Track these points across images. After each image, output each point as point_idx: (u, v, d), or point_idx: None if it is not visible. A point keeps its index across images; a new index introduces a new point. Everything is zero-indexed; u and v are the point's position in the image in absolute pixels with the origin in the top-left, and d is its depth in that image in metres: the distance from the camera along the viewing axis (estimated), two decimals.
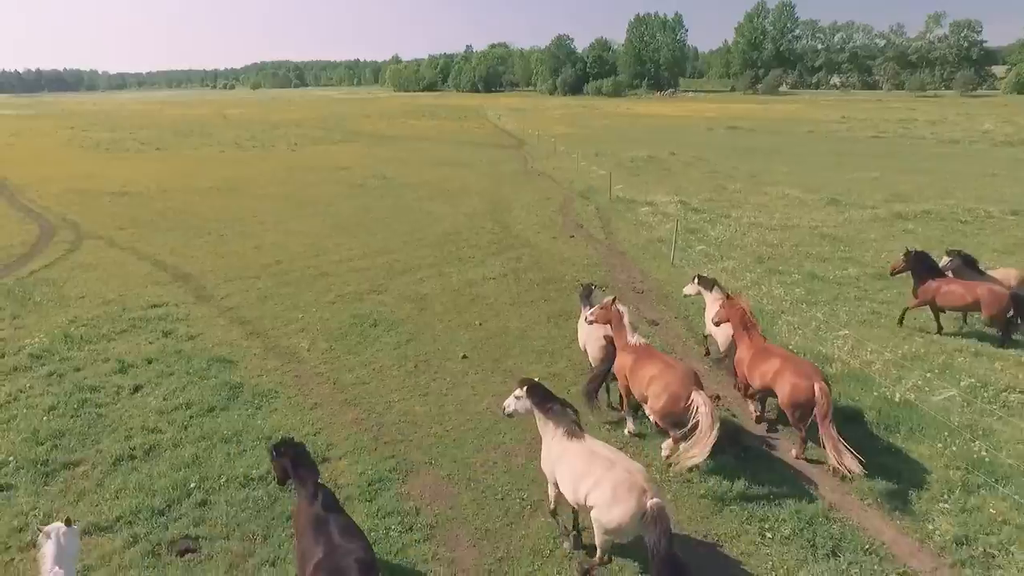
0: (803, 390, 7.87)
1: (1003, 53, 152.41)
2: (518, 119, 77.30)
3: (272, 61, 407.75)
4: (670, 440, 8.02)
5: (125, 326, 12.42)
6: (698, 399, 7.44)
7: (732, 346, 9.60)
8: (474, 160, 40.13)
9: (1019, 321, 11.21)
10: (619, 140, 53.18)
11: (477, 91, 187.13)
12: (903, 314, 12.49)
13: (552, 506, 6.94)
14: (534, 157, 41.98)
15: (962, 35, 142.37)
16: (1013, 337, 11.45)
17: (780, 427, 9.07)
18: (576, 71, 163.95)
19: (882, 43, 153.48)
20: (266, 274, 16.12)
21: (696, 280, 11.21)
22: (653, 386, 7.92)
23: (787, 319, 12.51)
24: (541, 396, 6.75)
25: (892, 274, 13.14)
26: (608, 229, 20.92)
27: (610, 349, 8.86)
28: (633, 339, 8.67)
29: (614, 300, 9.20)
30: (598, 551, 6.32)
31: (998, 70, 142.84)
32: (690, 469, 7.71)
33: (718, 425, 7.37)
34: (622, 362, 8.63)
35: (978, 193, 27.44)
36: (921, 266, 11.95)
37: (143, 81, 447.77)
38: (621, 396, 9.08)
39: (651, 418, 8.31)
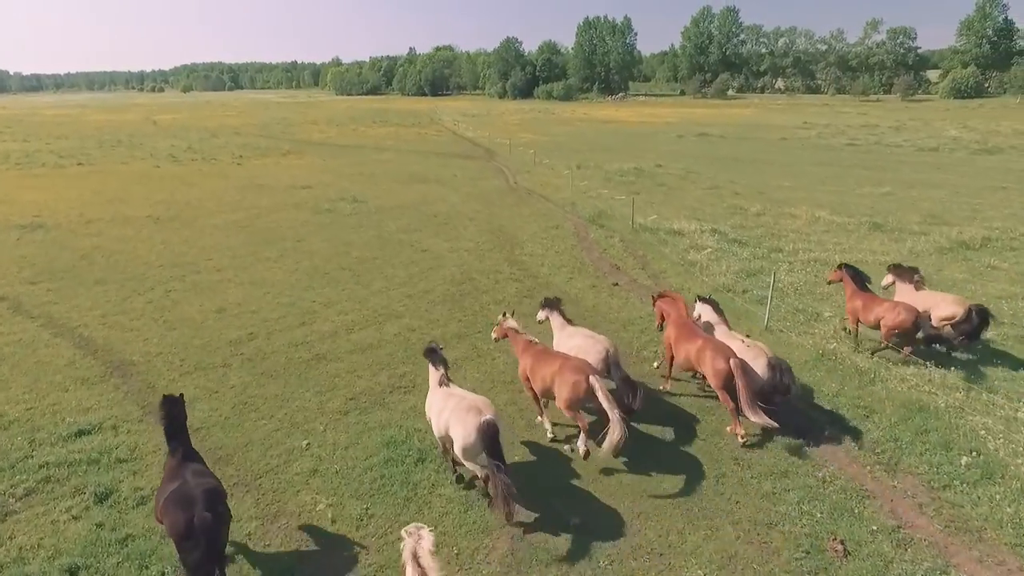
0: (721, 369, 8.97)
1: (934, 58, 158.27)
2: (477, 125, 73.57)
3: (204, 63, 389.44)
4: (581, 435, 8.46)
5: (33, 482, 8.05)
6: (595, 383, 8.21)
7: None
8: (448, 175, 36.18)
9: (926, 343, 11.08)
10: (592, 149, 50.19)
11: (423, 94, 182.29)
12: (852, 331, 12.29)
13: (441, 447, 8.24)
14: (512, 170, 38.34)
15: (898, 41, 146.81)
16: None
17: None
18: (526, 74, 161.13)
19: (823, 48, 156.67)
20: (238, 359, 11.86)
21: (699, 300, 11.24)
22: (547, 375, 8.82)
23: (980, 420, 9.24)
24: (431, 354, 8.50)
25: (829, 283, 13.58)
26: (650, 271, 17.44)
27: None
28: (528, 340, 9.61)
29: (505, 314, 10.09)
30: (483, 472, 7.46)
31: (931, 74, 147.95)
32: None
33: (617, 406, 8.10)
34: (523, 365, 9.43)
35: (1010, 211, 25.46)
36: (851, 279, 12.17)
37: (61, 83, 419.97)
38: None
39: (562, 409, 8.74)
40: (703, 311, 10.81)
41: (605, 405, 8.00)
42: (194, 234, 21.88)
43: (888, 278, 12.73)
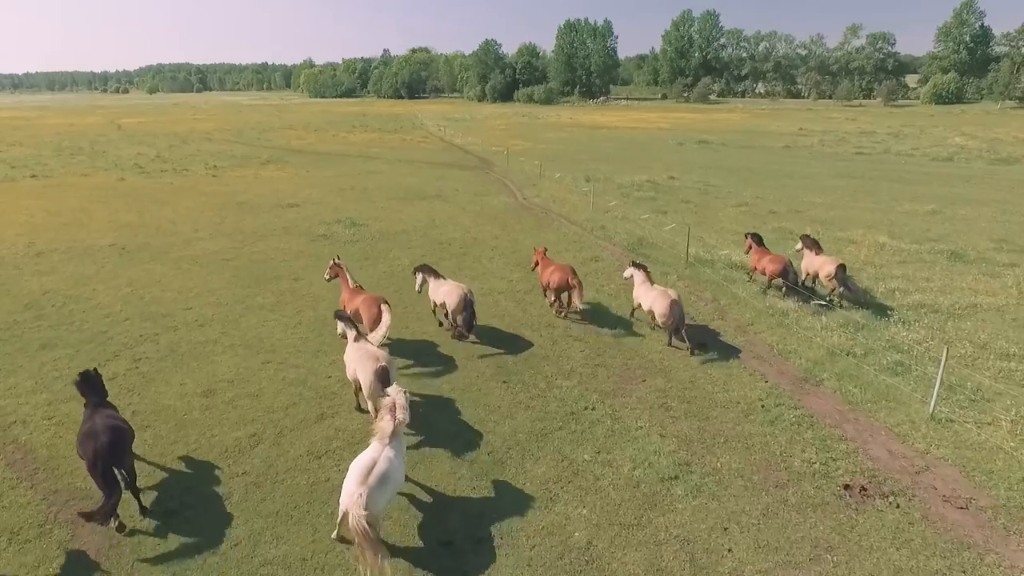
0: (559, 280, 13.77)
1: (912, 63, 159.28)
2: (463, 130, 70.21)
3: (170, 63, 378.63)
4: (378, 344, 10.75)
5: None
6: (384, 308, 11.37)
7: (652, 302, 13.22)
8: (448, 189, 32.88)
9: (790, 284, 15.41)
10: (594, 159, 47.30)
11: (400, 97, 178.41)
12: (751, 275, 17.10)
13: (353, 387, 10.11)
14: (517, 183, 35.22)
15: (877, 46, 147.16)
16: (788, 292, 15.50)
17: None
18: (505, 77, 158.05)
19: (803, 53, 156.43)
20: (241, 483, 8.48)
21: (632, 265, 14.32)
22: (361, 309, 11.96)
23: None
24: (345, 320, 10.55)
25: (746, 252, 17.00)
26: (733, 321, 14.37)
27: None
28: (352, 284, 13.03)
29: (337, 257, 13.94)
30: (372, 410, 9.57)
31: (909, 79, 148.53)
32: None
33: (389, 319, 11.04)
34: (342, 299, 12.87)
35: None
36: (756, 242, 16.56)
37: (19, 83, 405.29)
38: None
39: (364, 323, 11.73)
40: (635, 272, 14.07)
41: (386, 318, 10.98)
42: (168, 270, 18.30)
43: (799, 245, 16.44)
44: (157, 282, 17.20)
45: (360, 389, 9.81)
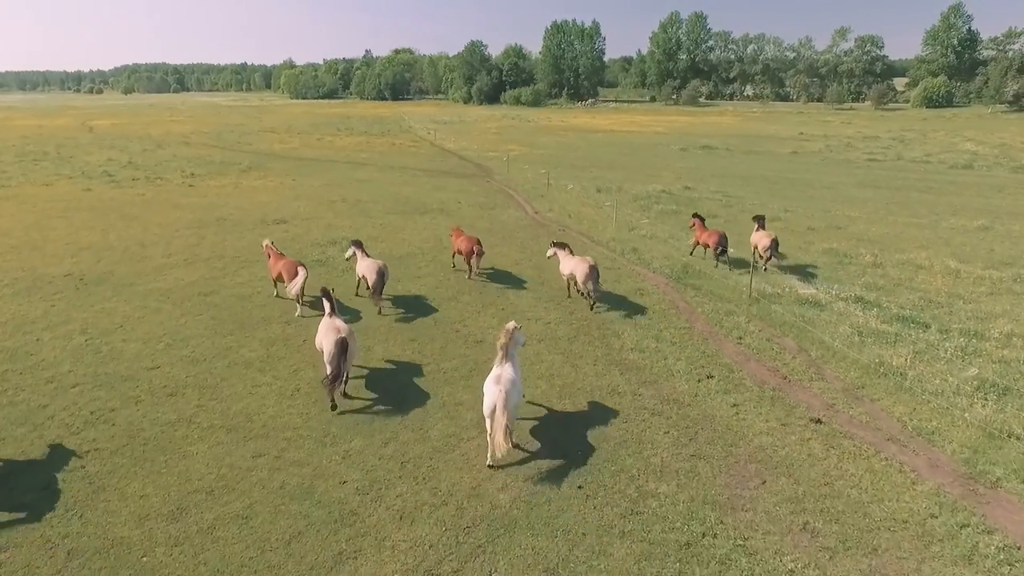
0: (467, 248, 17.00)
1: (899, 66, 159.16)
2: (454, 134, 67.25)
3: (147, 63, 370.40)
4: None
5: None
6: (300, 269, 14.44)
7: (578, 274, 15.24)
8: (450, 201, 30.01)
9: (724, 254, 18.72)
10: (597, 165, 44.74)
11: (384, 99, 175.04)
12: (692, 249, 20.14)
13: (319, 353, 11.03)
14: (523, 194, 32.44)
15: (866, 49, 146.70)
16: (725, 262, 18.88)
17: None
18: (492, 79, 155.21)
19: (792, 56, 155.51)
20: None
21: (553, 244, 16.54)
22: (278, 269, 15.12)
23: None
24: (325, 296, 11.76)
25: (691, 227, 20.43)
26: (835, 382, 11.60)
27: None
28: (272, 251, 15.86)
29: (267, 241, 16.43)
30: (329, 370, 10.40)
31: (897, 82, 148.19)
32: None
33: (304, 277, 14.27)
34: (269, 265, 15.89)
35: None
36: (698, 221, 19.86)
37: None
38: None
39: (286, 282, 14.73)
40: (557, 250, 16.32)
41: (300, 281, 14.28)
42: (133, 310, 15.16)
43: (755, 227, 19.01)
44: (119, 327, 14.08)
45: (324, 356, 10.78)
